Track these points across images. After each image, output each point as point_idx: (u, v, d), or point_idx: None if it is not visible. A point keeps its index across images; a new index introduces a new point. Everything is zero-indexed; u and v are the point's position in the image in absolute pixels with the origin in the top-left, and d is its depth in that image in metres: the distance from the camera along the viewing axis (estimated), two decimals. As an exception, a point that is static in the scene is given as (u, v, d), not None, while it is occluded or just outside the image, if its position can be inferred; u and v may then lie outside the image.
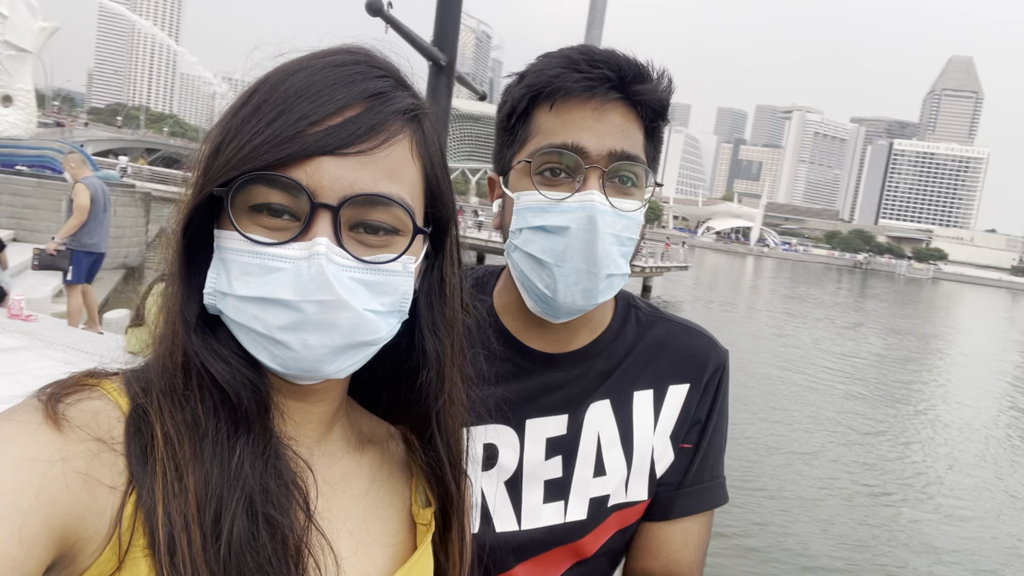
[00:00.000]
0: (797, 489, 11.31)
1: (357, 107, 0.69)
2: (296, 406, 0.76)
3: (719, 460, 1.26)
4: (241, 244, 0.67)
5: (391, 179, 0.70)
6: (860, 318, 43.02)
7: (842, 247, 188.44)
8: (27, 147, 23.34)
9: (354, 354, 0.72)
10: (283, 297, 0.66)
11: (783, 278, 78.86)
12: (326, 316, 0.67)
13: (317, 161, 0.67)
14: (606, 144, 1.05)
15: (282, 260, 0.66)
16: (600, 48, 1.09)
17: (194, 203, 0.69)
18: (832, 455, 13.41)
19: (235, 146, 0.67)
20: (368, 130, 0.69)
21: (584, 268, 1.06)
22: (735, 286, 58.69)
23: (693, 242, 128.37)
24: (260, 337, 0.68)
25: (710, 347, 1.27)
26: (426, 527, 0.85)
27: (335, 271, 0.67)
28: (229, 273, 0.68)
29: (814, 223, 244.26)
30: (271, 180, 0.66)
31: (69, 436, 0.62)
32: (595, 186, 1.05)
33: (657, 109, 1.09)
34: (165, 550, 0.61)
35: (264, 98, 0.69)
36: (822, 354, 25.51)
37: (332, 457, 0.81)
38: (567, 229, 1.05)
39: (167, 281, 0.72)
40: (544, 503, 1.18)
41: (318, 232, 0.67)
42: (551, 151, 1.06)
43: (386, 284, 0.71)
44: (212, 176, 0.68)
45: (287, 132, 0.66)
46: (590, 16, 4.58)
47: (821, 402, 17.77)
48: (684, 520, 1.22)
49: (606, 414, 1.20)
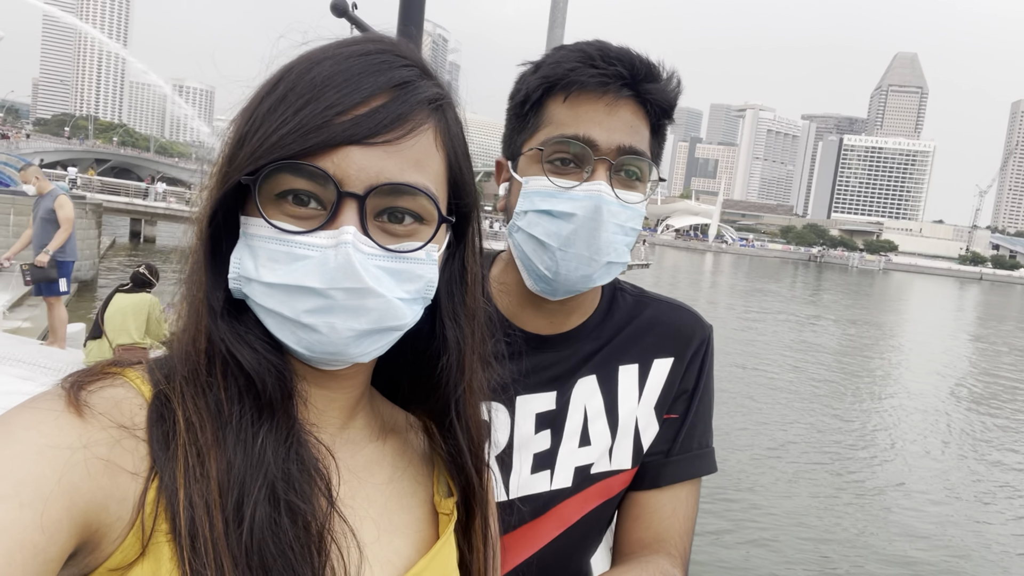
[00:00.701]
0: (768, 484, 11.45)
1: (383, 96, 0.69)
2: (320, 393, 0.76)
3: (707, 430, 1.31)
4: (268, 232, 0.68)
5: (416, 168, 0.70)
6: (817, 310, 43.98)
7: (797, 241, 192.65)
8: (-29, 160, 22.61)
9: (379, 338, 0.72)
10: (310, 285, 0.67)
11: (741, 273, 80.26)
12: (353, 302, 0.68)
13: (344, 150, 0.67)
14: (615, 138, 1.10)
15: (309, 248, 0.67)
16: (615, 45, 1.13)
17: (221, 192, 0.69)
18: (801, 448, 13.63)
19: (262, 135, 0.67)
20: (394, 120, 0.69)
21: (586, 255, 1.11)
22: (695, 282, 59.52)
23: (653, 240, 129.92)
24: (286, 321, 0.69)
25: (694, 322, 1.33)
26: (448, 517, 0.86)
27: (361, 259, 0.67)
28: (256, 259, 0.69)
29: (770, 219, 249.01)
30: (298, 169, 0.67)
31: (91, 423, 0.62)
32: (603, 177, 1.10)
33: (664, 108, 1.15)
34: (186, 534, 0.62)
35: (290, 87, 0.69)
36: (783, 347, 26.04)
37: (355, 445, 0.81)
38: (573, 216, 1.10)
39: (190, 269, 0.72)
40: (532, 474, 1.22)
41: (345, 221, 0.67)
42: (563, 141, 1.10)
43: (411, 272, 0.71)
44: (239, 164, 0.68)
45: (315, 121, 0.67)
46: (552, 15, 4.63)
47: (787, 395, 18.09)
48: (673, 488, 1.26)
49: (592, 388, 1.25)
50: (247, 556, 0.62)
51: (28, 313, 12.36)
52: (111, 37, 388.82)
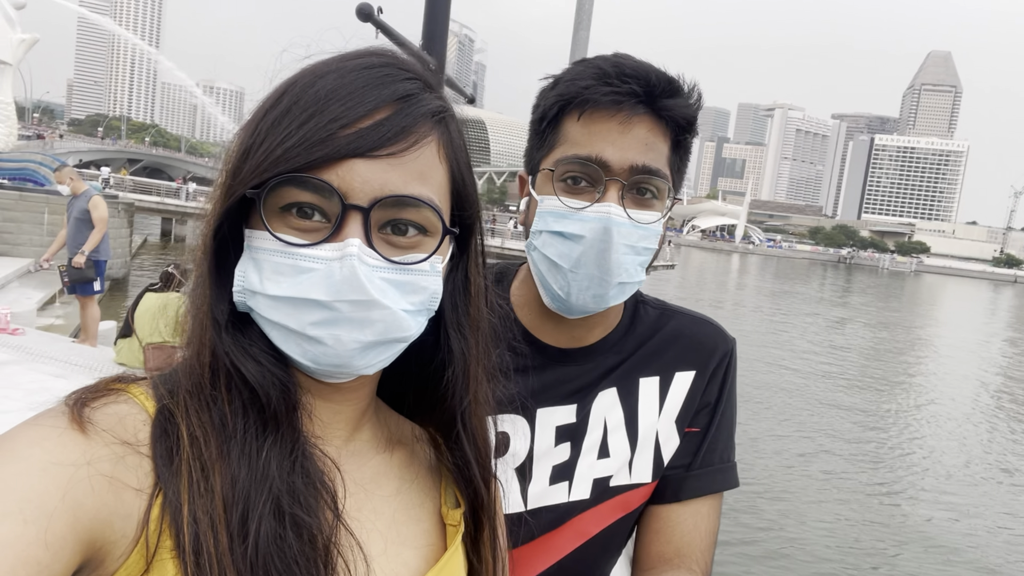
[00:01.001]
0: (799, 491, 11.27)
1: (387, 109, 0.70)
2: (325, 406, 0.76)
3: (729, 444, 1.30)
4: (273, 244, 0.68)
5: (420, 181, 0.71)
6: (847, 313, 43.38)
7: (826, 242, 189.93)
8: (8, 160, 23.13)
9: (384, 350, 0.72)
10: (316, 297, 0.67)
11: (768, 275, 79.41)
12: (359, 314, 0.68)
13: (348, 163, 0.67)
14: (628, 158, 1.09)
15: (314, 261, 0.67)
16: (630, 60, 1.12)
17: (225, 205, 0.69)
18: (831, 455, 13.40)
19: (266, 148, 0.68)
20: (398, 132, 0.69)
21: (597, 275, 1.10)
22: (722, 284, 59.04)
23: (679, 241, 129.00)
24: (291, 333, 0.69)
25: (716, 335, 1.32)
26: (456, 528, 0.85)
27: (366, 272, 0.67)
28: (261, 272, 0.69)
29: (798, 219, 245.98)
30: (303, 182, 0.67)
31: (94, 440, 0.62)
32: (614, 198, 1.09)
33: (684, 123, 1.13)
34: (191, 551, 0.62)
35: (294, 100, 0.69)
36: (813, 350, 25.70)
37: (362, 457, 0.81)
38: (583, 238, 1.09)
39: (194, 283, 0.73)
40: (550, 485, 1.22)
41: (349, 233, 0.68)
42: (574, 161, 1.10)
43: (415, 284, 0.72)
44: (243, 178, 0.68)
45: (319, 135, 0.67)
46: (577, 16, 4.61)
47: (816, 400, 17.83)
48: (694, 502, 1.24)
49: (612, 401, 1.25)
50: (252, 571, 0.62)
51: (61, 311, 12.62)
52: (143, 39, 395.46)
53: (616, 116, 1.09)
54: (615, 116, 1.09)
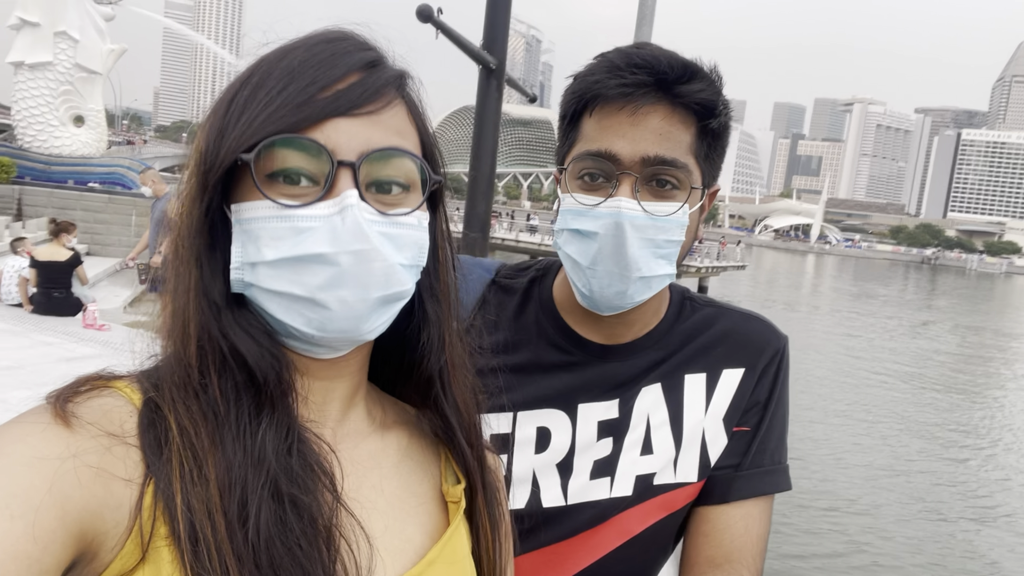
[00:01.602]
0: (884, 506, 10.76)
1: (356, 75, 0.72)
2: (318, 385, 0.77)
3: (780, 446, 1.25)
4: (267, 211, 0.69)
5: (400, 136, 0.74)
6: (932, 316, 41.43)
7: (909, 242, 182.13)
8: (99, 164, 24.41)
9: (385, 310, 0.74)
10: (319, 251, 0.68)
11: (846, 276, 76.66)
12: (362, 267, 0.69)
13: (332, 122, 0.69)
14: (639, 149, 1.07)
15: (312, 220, 0.68)
16: (644, 50, 1.10)
17: (214, 177, 0.69)
18: (921, 469, 12.77)
19: (247, 118, 0.69)
20: (372, 93, 0.72)
21: (616, 271, 1.09)
22: (795, 285, 57.30)
23: (750, 241, 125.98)
24: (296, 301, 0.69)
25: (767, 332, 1.28)
26: (457, 504, 0.86)
27: (366, 222, 0.69)
28: (257, 242, 0.69)
29: (878, 218, 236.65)
30: (291, 143, 0.68)
31: (79, 433, 0.63)
32: (626, 192, 1.07)
33: (703, 109, 1.09)
34: (187, 538, 0.62)
35: (264, 76, 0.71)
36: (897, 355, 24.61)
37: (358, 436, 0.81)
38: (596, 234, 1.08)
39: (178, 267, 0.72)
40: (591, 480, 1.20)
41: (342, 188, 0.69)
42: (585, 157, 1.10)
43: (407, 237, 0.73)
44: (229, 148, 0.69)
45: (299, 98, 0.69)
46: (639, 13, 4.52)
47: (904, 408, 17.01)
48: (744, 504, 1.21)
49: (657, 397, 1.23)
50: (254, 555, 0.62)
51: (148, 308, 13.19)
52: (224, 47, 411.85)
53: (625, 108, 1.07)
54: (624, 108, 1.07)
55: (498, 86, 4.14)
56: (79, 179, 23.73)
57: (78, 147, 24.50)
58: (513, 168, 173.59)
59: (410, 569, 0.77)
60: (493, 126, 4.25)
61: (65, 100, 24.21)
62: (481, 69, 4.06)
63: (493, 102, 4.18)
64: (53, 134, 24.07)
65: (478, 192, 4.23)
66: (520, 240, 40.94)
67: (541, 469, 1.20)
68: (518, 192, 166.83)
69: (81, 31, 24.09)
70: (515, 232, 44.44)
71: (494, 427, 1.18)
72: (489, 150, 4.26)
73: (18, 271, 10.49)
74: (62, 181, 23.21)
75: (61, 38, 23.62)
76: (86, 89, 24.59)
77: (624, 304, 1.14)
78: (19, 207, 21.33)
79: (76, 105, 24.54)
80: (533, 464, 1.20)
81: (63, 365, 7.55)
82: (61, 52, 23.76)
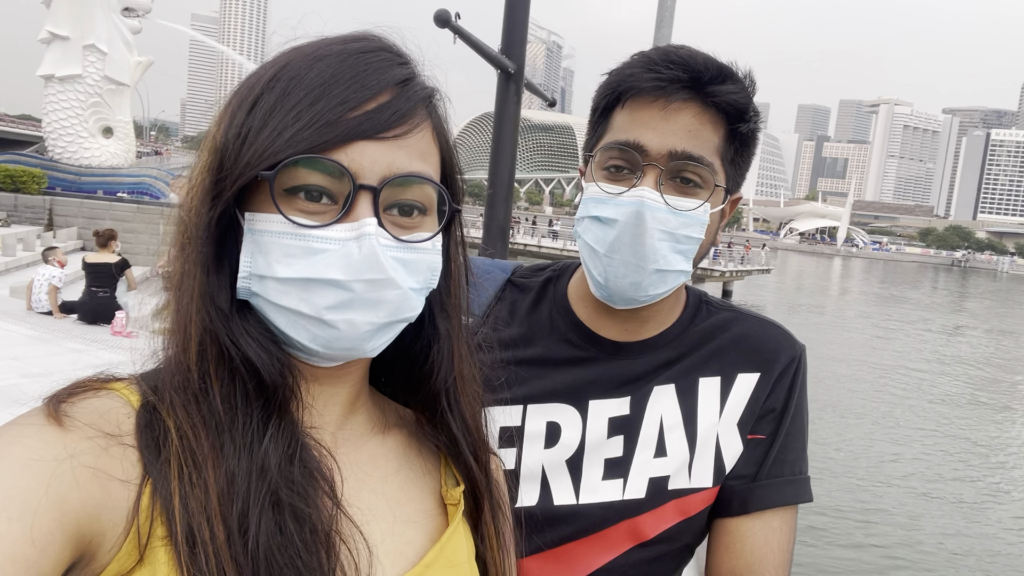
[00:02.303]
0: (928, 519, 10.46)
1: (387, 94, 0.71)
2: (320, 390, 0.77)
3: (800, 456, 1.24)
4: (282, 227, 0.68)
5: (422, 160, 0.73)
6: (964, 319, 40.65)
7: (938, 245, 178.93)
8: (127, 175, 24.87)
9: (391, 331, 0.74)
10: (332, 277, 0.67)
11: (875, 279, 75.55)
12: (374, 294, 0.69)
13: (358, 145, 0.68)
14: (668, 143, 1.08)
15: (327, 242, 0.68)
16: (683, 49, 1.11)
17: (233, 188, 0.68)
18: (965, 480, 12.39)
19: (272, 130, 0.68)
20: (401, 116, 0.71)
21: (633, 261, 1.10)
22: (822, 289, 56.55)
23: (775, 244, 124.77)
24: (303, 318, 0.69)
25: (784, 339, 1.27)
26: (455, 506, 0.85)
27: (382, 251, 0.68)
28: (268, 256, 0.68)
29: (906, 220, 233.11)
30: (315, 163, 0.68)
31: (75, 434, 0.62)
32: (650, 183, 1.08)
33: (734, 111, 1.10)
34: (183, 540, 0.61)
35: (292, 84, 0.70)
36: (931, 361, 24.06)
37: (358, 440, 0.81)
38: (616, 222, 1.09)
39: (184, 271, 0.71)
40: (603, 480, 1.19)
41: (361, 213, 0.68)
42: (613, 147, 1.11)
43: (421, 262, 0.73)
44: (251, 161, 0.68)
45: (328, 117, 0.68)
46: (659, 15, 4.49)
47: (944, 419, 16.52)
48: (764, 514, 1.19)
49: (670, 398, 1.22)
50: (253, 565, 0.62)
51: (172, 316, 13.36)
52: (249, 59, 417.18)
53: (657, 102, 1.08)
54: (656, 101, 1.08)
55: (517, 91, 4.13)
56: (108, 189, 24.17)
57: (107, 158, 24.97)
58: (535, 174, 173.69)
59: (408, 571, 0.76)
60: (512, 131, 4.23)
61: (94, 112, 24.70)
62: (500, 73, 4.05)
63: (512, 107, 4.16)
64: (83, 145, 24.58)
65: (498, 196, 4.22)
66: (542, 246, 41.00)
67: (551, 466, 1.20)
68: (540, 198, 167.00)
69: (109, 44, 24.57)
70: (537, 237, 44.54)
71: (504, 420, 1.19)
72: (508, 155, 4.25)
73: (48, 279, 10.68)
74: (92, 191, 23.69)
75: (90, 51, 24.14)
76: (114, 101, 25.07)
77: (638, 296, 1.14)
78: (50, 217, 21.78)
79: (105, 117, 25.02)
80: (542, 460, 1.20)
81: (92, 372, 7.68)
82: (90, 65, 24.27)
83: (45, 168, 23.99)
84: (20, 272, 15.30)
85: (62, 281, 10.85)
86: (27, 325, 10.03)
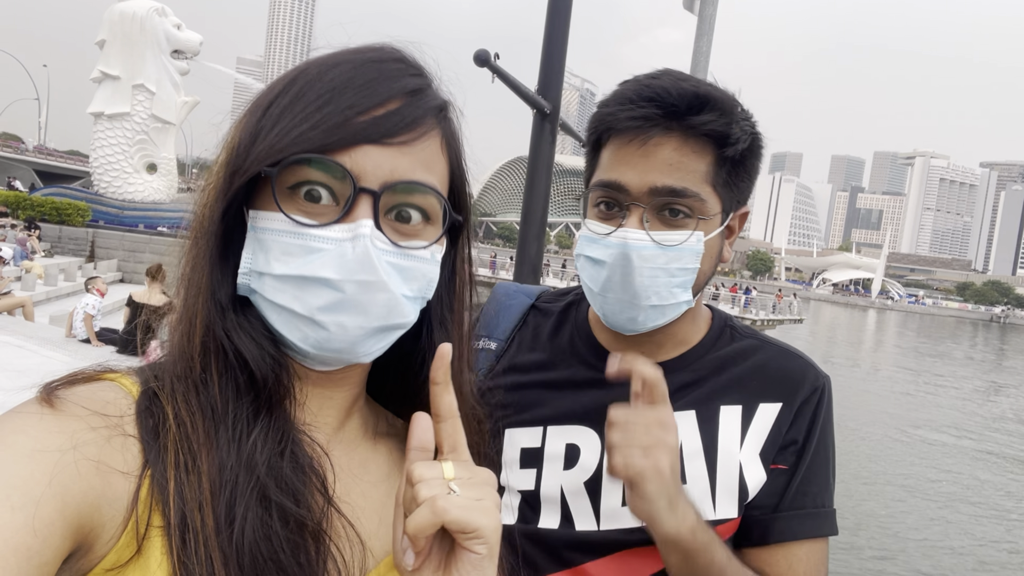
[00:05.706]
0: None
1: (397, 101, 0.72)
2: (316, 392, 0.77)
3: (824, 489, 1.21)
4: (283, 225, 0.69)
5: (426, 169, 0.73)
6: (1007, 377, 39.38)
7: (976, 299, 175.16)
8: (168, 210, 25.52)
9: (383, 337, 0.74)
10: (325, 276, 0.68)
11: (910, 332, 73.94)
12: (365, 297, 0.69)
13: (362, 148, 0.69)
14: (648, 180, 1.08)
15: (324, 241, 0.68)
16: (657, 80, 1.11)
17: (238, 183, 0.70)
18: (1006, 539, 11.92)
19: (281, 129, 0.69)
20: (409, 123, 0.72)
21: (626, 299, 1.12)
22: (856, 341, 55.44)
23: (807, 294, 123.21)
24: (296, 318, 0.70)
25: (807, 369, 1.25)
26: None
27: (376, 253, 0.69)
28: (268, 253, 0.70)
29: (943, 274, 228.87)
30: (318, 163, 0.69)
31: (79, 424, 0.63)
32: (634, 223, 1.09)
33: (718, 136, 1.09)
34: (176, 527, 0.62)
35: (305, 88, 0.71)
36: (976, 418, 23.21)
37: (351, 444, 0.82)
38: (605, 263, 1.11)
39: (191, 264, 0.73)
40: (623, 506, 1.16)
41: (360, 215, 0.69)
42: (598, 187, 1.14)
43: (416, 270, 0.73)
44: (257, 157, 0.69)
45: (336, 119, 0.69)
46: (693, 60, 4.54)
47: (996, 479, 15.93)
48: (786, 546, 1.17)
49: (690, 425, 1.20)
50: (238, 555, 0.63)
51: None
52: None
53: (635, 140, 1.09)
54: (634, 140, 1.09)
55: (552, 130, 4.18)
56: (149, 223, 24.82)
57: (150, 193, 25.71)
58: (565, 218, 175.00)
59: (383, 560, 0.77)
60: (546, 170, 4.27)
61: (140, 148, 25.55)
62: (535, 113, 4.11)
63: (547, 146, 4.21)
64: (128, 180, 25.37)
65: (530, 233, 4.23)
66: (571, 289, 40.84)
67: (570, 488, 1.19)
68: (570, 242, 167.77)
69: (158, 84, 25.52)
70: (566, 281, 44.56)
71: (524, 442, 1.20)
72: (541, 194, 4.28)
73: (84, 307, 10.91)
74: (133, 225, 24.36)
75: (139, 90, 25.09)
76: (160, 138, 25.92)
77: (637, 328, 1.16)
78: (92, 249, 22.41)
79: (150, 153, 25.84)
80: (561, 482, 1.20)
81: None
82: (138, 103, 25.21)
83: (90, 201, 24.78)
84: (60, 301, 15.67)
85: (96, 309, 11.05)
86: (65, 352, 10.21)
